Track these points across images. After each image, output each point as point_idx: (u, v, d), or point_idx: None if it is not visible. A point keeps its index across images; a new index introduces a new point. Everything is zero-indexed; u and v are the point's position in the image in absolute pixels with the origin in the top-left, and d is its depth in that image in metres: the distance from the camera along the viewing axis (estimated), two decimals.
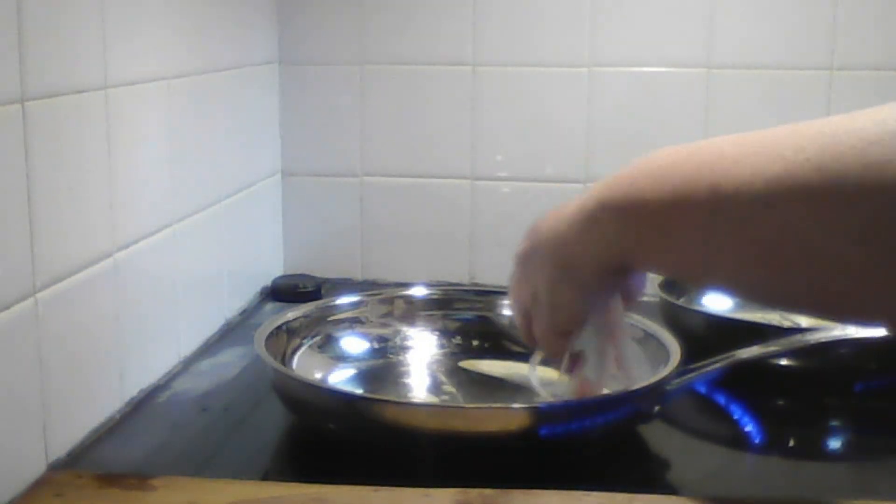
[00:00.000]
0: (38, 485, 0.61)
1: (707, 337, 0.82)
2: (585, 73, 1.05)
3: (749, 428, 0.74)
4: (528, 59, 1.06)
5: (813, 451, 0.73)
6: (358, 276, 1.12)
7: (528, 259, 0.65)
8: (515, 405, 0.68)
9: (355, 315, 0.85)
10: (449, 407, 0.64)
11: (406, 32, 1.07)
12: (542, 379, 0.71)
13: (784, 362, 0.78)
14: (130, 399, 0.75)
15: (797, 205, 0.48)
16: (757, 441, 0.73)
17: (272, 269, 1.10)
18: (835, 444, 0.77)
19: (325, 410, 0.68)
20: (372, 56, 1.08)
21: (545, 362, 0.70)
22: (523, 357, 0.73)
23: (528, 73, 1.06)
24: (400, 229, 1.11)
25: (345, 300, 0.85)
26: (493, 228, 1.09)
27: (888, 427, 0.76)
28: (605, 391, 0.67)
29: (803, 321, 0.80)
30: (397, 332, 0.86)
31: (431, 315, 0.87)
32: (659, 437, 0.71)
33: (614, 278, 0.61)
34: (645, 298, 0.67)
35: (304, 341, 0.80)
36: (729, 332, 0.81)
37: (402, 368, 0.83)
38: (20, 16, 0.59)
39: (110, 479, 0.62)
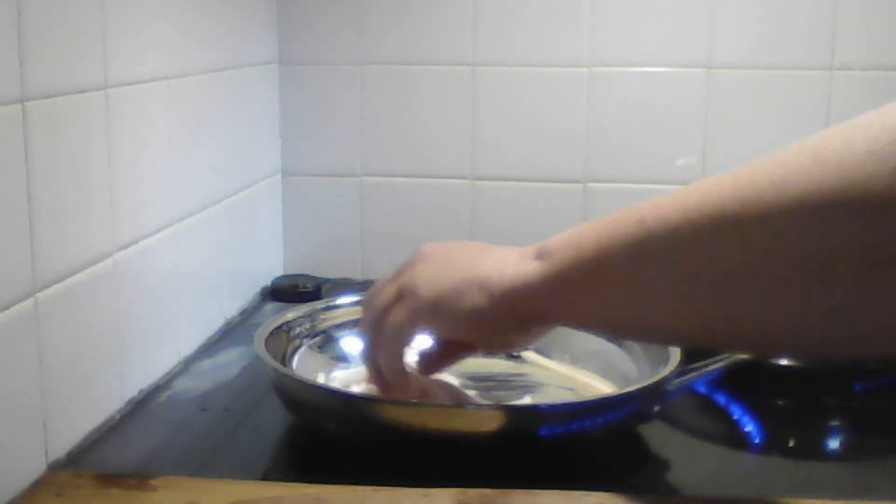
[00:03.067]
0: (38, 485, 0.61)
1: None
2: (585, 73, 1.05)
3: (749, 428, 0.74)
4: (528, 59, 1.06)
5: (813, 451, 0.73)
6: (358, 276, 1.12)
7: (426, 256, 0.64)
8: (515, 405, 0.68)
9: (355, 315, 0.84)
10: (449, 407, 0.64)
11: (406, 32, 1.07)
12: None
13: (784, 362, 0.78)
14: (130, 399, 0.75)
15: (712, 227, 0.49)
16: (757, 441, 0.73)
17: (272, 269, 1.10)
18: (835, 444, 0.77)
19: (325, 410, 0.68)
20: (372, 56, 1.08)
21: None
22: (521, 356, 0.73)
23: (528, 73, 1.06)
24: (400, 229, 1.11)
25: (345, 300, 0.85)
26: (493, 228, 1.09)
27: (888, 427, 0.76)
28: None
29: None
30: None
31: None
32: (659, 437, 0.71)
33: (522, 323, 0.60)
34: None
35: (304, 341, 0.80)
36: None
37: None
38: (20, 16, 0.59)
39: (110, 479, 0.62)
